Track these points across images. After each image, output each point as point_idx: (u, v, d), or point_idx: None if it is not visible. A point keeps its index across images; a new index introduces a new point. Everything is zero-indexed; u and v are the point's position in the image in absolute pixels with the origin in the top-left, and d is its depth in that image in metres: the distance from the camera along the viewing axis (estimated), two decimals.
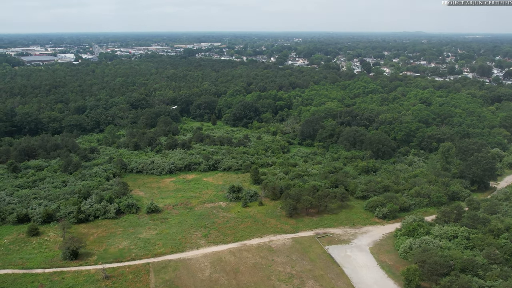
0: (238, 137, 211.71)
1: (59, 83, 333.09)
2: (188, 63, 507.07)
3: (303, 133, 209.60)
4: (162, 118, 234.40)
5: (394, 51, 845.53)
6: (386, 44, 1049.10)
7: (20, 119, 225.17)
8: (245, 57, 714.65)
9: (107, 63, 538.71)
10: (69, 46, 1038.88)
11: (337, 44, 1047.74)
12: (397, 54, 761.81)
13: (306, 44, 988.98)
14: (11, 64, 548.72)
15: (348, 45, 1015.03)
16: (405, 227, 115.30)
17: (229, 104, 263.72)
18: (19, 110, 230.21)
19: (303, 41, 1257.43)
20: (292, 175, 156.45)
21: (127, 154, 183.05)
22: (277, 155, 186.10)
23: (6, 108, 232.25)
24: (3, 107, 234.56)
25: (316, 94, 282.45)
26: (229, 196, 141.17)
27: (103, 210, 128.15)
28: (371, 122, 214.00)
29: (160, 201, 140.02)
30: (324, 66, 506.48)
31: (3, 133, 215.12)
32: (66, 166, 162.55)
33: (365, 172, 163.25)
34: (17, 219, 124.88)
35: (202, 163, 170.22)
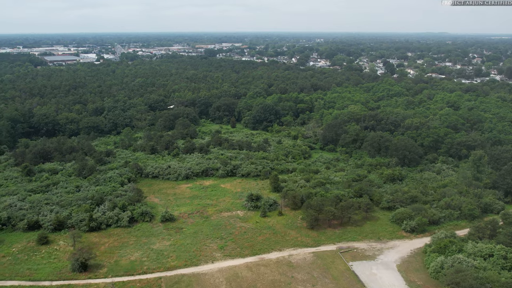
0: (257, 141, 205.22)
1: (79, 84, 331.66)
2: (209, 64, 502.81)
3: (325, 138, 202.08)
4: (180, 120, 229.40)
5: (418, 52, 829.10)
6: (410, 44, 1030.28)
7: (38, 120, 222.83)
8: (266, 57, 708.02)
9: (127, 63, 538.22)
10: (92, 46, 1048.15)
11: (360, 44, 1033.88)
12: (421, 55, 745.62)
13: (328, 45, 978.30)
14: (34, 64, 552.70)
15: (371, 45, 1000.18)
16: (436, 243, 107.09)
17: (249, 106, 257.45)
18: (37, 111, 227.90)
19: (325, 41, 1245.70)
20: (314, 183, 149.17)
21: (143, 157, 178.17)
22: (298, 160, 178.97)
23: (24, 109, 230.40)
24: (22, 108, 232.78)
25: (339, 96, 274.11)
26: (247, 205, 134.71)
27: (115, 218, 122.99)
28: (397, 127, 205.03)
29: (175, 208, 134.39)
30: (346, 67, 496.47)
31: (20, 134, 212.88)
32: (80, 170, 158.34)
33: (391, 180, 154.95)
34: (28, 226, 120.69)
35: (220, 168, 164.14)
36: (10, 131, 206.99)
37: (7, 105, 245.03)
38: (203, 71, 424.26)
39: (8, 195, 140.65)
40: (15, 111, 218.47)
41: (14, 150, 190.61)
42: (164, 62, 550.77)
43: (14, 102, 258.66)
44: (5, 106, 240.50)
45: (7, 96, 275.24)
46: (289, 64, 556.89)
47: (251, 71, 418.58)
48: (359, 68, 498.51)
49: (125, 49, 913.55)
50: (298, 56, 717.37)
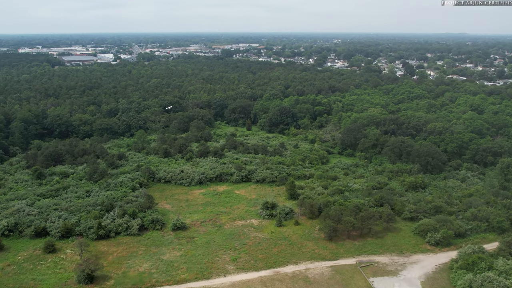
0: (273, 145, 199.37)
1: (94, 84, 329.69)
2: (225, 65, 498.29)
3: (344, 142, 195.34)
4: (195, 122, 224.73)
5: (437, 53, 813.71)
6: (429, 45, 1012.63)
7: (51, 122, 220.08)
8: (283, 58, 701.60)
9: (144, 63, 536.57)
10: (110, 46, 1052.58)
11: (378, 45, 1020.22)
12: (441, 57, 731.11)
13: (346, 45, 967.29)
14: (51, 64, 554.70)
15: (389, 46, 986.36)
16: (463, 259, 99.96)
17: (265, 108, 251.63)
18: (51, 112, 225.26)
19: (343, 42, 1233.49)
20: (332, 190, 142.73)
21: (156, 161, 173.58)
22: (315, 166, 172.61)
23: (38, 110, 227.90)
24: (35, 109, 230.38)
25: (358, 99, 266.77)
26: (262, 213, 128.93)
27: (125, 226, 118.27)
28: (419, 131, 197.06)
29: (187, 216, 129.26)
30: (365, 68, 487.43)
31: (33, 136, 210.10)
32: (91, 174, 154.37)
33: (413, 188, 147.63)
34: (35, 233, 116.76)
35: (234, 173, 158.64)
36: (23, 132, 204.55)
37: (22, 106, 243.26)
38: (219, 72, 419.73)
39: (17, 199, 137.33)
40: (28, 112, 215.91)
41: (26, 152, 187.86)
42: (180, 62, 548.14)
43: (28, 103, 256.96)
44: (19, 107, 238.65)
45: (22, 96, 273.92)
46: (306, 65, 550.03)
47: (268, 72, 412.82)
48: (378, 69, 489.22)
49: (143, 49, 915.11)
50: (316, 56, 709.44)
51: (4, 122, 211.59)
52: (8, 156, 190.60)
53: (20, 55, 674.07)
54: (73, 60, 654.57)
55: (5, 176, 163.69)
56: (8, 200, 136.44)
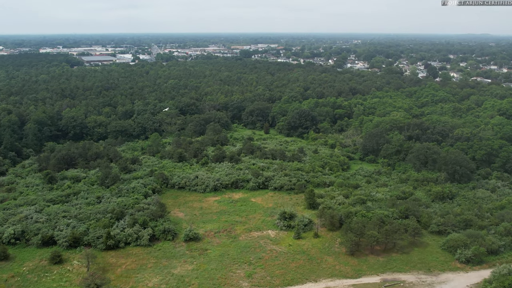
0: (292, 150, 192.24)
1: (111, 85, 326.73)
2: (243, 65, 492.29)
3: (365, 148, 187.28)
4: (211, 125, 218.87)
5: (460, 54, 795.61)
6: (451, 46, 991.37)
7: (66, 123, 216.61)
8: (302, 59, 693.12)
9: (162, 64, 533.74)
10: (129, 47, 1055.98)
11: (398, 46, 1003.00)
12: (464, 58, 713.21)
13: (366, 46, 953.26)
14: (70, 64, 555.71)
15: (410, 47, 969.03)
16: (498, 281, 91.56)
17: (284, 111, 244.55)
18: (66, 114, 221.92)
19: (363, 43, 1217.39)
20: (354, 200, 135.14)
21: (170, 166, 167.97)
22: (336, 172, 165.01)
23: (53, 111, 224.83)
24: (50, 110, 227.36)
25: (379, 102, 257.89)
26: (280, 224, 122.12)
27: (135, 236, 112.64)
28: (444, 137, 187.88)
29: (201, 225, 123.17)
30: (386, 70, 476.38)
31: (47, 138, 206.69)
32: (103, 179, 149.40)
33: (440, 198, 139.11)
34: (42, 241, 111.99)
35: (251, 180, 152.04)
36: (36, 134, 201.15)
37: (37, 107, 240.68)
38: (237, 73, 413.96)
39: (26, 204, 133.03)
40: (42, 113, 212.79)
41: (38, 155, 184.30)
42: (198, 63, 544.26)
43: (44, 104, 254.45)
44: (34, 108, 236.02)
45: (38, 97, 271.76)
46: (326, 66, 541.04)
47: (287, 73, 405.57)
48: (400, 71, 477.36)
49: (162, 50, 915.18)
50: (335, 57, 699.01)
51: (18, 124, 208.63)
52: (21, 158, 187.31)
53: (40, 55, 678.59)
54: (92, 60, 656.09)
55: (17, 179, 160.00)
56: (17, 206, 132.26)
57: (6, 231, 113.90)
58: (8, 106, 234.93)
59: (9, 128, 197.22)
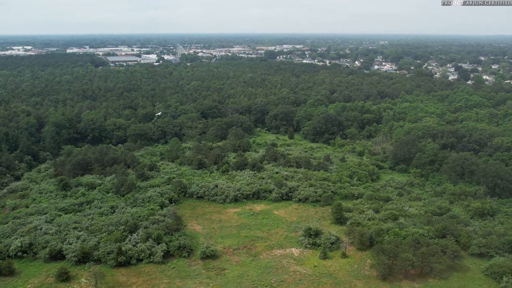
0: (317, 157, 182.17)
1: (133, 86, 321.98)
2: (268, 67, 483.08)
3: (396, 156, 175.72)
4: (233, 130, 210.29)
5: (491, 56, 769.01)
6: (481, 48, 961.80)
7: (84, 126, 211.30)
8: (327, 60, 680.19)
9: (186, 64, 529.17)
10: (154, 47, 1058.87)
11: (427, 47, 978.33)
12: (496, 60, 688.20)
13: (393, 47, 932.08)
14: (95, 64, 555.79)
15: (439, 48, 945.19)
16: None
17: (309, 115, 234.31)
18: (85, 116, 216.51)
19: (390, 44, 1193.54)
20: (385, 215, 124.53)
21: (189, 173, 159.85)
22: (365, 183, 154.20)
23: (72, 114, 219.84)
24: (70, 112, 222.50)
25: (410, 106, 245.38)
26: (304, 241, 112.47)
27: (148, 252, 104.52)
28: (482, 146, 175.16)
29: (219, 241, 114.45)
30: (415, 72, 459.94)
31: (65, 141, 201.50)
32: (118, 187, 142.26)
33: (479, 215, 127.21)
34: (50, 255, 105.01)
35: (274, 190, 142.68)
36: (54, 137, 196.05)
37: (57, 108, 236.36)
38: (261, 74, 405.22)
39: (37, 213, 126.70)
40: (61, 116, 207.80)
41: (54, 159, 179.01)
42: (222, 64, 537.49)
43: (65, 105, 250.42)
44: (54, 110, 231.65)
45: (59, 98, 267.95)
46: (352, 67, 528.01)
47: (312, 75, 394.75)
48: (429, 73, 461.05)
49: (186, 50, 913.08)
50: (362, 59, 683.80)
51: (36, 126, 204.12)
52: (38, 162, 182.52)
53: (66, 55, 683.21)
54: (117, 60, 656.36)
55: (31, 185, 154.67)
56: (28, 215, 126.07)
57: (13, 243, 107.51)
58: (28, 108, 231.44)
59: (26, 130, 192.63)
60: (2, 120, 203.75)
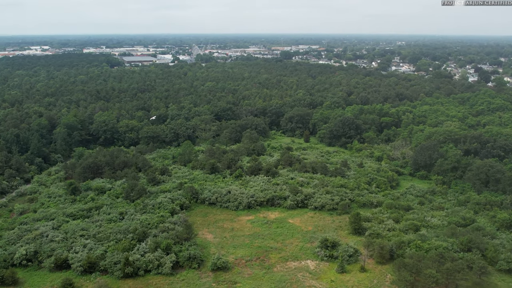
0: (334, 162, 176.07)
1: (147, 87, 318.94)
2: (283, 67, 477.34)
3: (417, 162, 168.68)
4: (247, 132, 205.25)
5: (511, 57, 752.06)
6: (501, 49, 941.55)
7: (96, 128, 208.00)
8: (344, 61, 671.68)
9: (201, 65, 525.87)
10: (170, 47, 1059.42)
11: (445, 48, 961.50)
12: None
13: (411, 48, 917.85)
14: (110, 64, 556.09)
15: (457, 49, 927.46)
16: None
17: (325, 118, 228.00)
18: (97, 118, 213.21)
19: (407, 44, 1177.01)
20: (405, 226, 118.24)
21: (201, 178, 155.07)
22: (384, 191, 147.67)
23: (84, 115, 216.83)
24: (82, 114, 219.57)
25: (430, 110, 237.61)
26: (320, 253, 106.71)
27: (156, 263, 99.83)
28: (507, 152, 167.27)
29: (231, 251, 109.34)
30: (434, 74, 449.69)
31: (77, 143, 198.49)
32: (128, 192, 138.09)
33: (506, 227, 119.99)
34: (55, 264, 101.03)
35: (289, 197, 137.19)
36: (66, 139, 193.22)
37: (70, 109, 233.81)
38: (277, 75, 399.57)
39: (44, 219, 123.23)
40: (73, 117, 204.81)
41: (65, 162, 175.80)
42: (237, 64, 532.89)
43: (78, 106, 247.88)
44: (66, 111, 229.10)
45: (72, 99, 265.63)
46: (369, 68, 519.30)
47: (329, 77, 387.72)
48: (449, 75, 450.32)
49: (202, 50, 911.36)
50: (379, 60, 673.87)
51: (48, 128, 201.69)
52: (49, 164, 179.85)
53: (83, 55, 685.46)
54: (133, 60, 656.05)
55: (40, 188, 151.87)
56: (35, 220, 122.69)
57: (18, 251, 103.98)
58: (40, 109, 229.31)
59: (38, 132, 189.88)
60: (14, 121, 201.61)
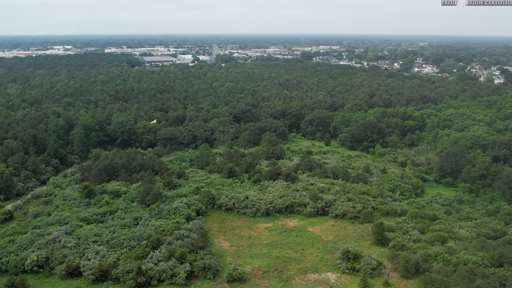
0: (356, 168, 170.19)
1: (166, 87, 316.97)
2: (304, 68, 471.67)
3: (442, 168, 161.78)
4: (266, 135, 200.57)
5: None
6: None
7: (114, 129, 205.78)
8: (365, 62, 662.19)
9: (221, 65, 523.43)
10: (191, 47, 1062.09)
11: (469, 49, 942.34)
12: None
13: (434, 49, 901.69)
14: (131, 64, 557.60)
15: (482, 50, 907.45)
16: None
17: (347, 121, 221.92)
18: (115, 118, 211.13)
19: (429, 45, 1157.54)
20: (432, 237, 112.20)
21: (218, 182, 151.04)
22: (408, 198, 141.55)
23: (102, 116, 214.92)
24: (100, 114, 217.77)
25: (456, 113, 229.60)
26: (342, 265, 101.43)
27: (170, 273, 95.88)
28: None
29: (247, 260, 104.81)
30: (459, 75, 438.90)
31: (94, 144, 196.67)
32: (144, 196, 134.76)
33: None
34: (66, 272, 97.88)
35: (309, 204, 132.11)
36: (83, 140, 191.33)
37: (88, 110, 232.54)
38: (297, 76, 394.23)
39: (58, 223, 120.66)
40: (91, 118, 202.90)
41: (81, 164, 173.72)
42: (257, 65, 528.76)
43: (96, 107, 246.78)
44: (84, 111, 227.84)
45: (91, 99, 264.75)
46: (391, 70, 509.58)
47: (350, 78, 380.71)
48: (474, 77, 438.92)
49: (222, 51, 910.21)
50: (401, 61, 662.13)
51: (65, 128, 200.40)
52: (65, 166, 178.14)
53: (104, 55, 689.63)
54: (153, 60, 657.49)
55: (55, 190, 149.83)
56: (48, 224, 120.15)
57: (29, 256, 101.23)
58: (59, 109, 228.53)
59: (55, 133, 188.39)
60: (31, 121, 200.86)
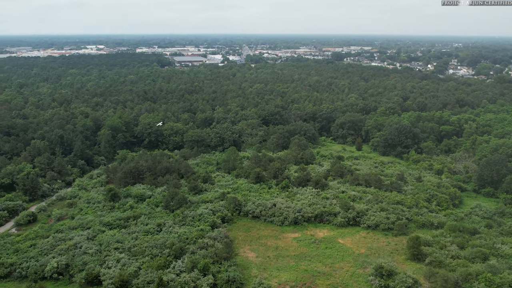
0: (389, 175, 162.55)
1: (195, 88, 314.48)
2: (335, 69, 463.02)
3: (482, 177, 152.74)
4: (296, 139, 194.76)
5: None
6: None
7: (141, 130, 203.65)
8: (398, 63, 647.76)
9: (250, 66, 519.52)
10: (221, 47, 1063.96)
11: (506, 51, 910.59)
12: None
13: (469, 50, 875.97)
14: (161, 64, 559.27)
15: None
16: None
17: (380, 125, 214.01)
18: (142, 120, 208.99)
19: (464, 46, 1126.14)
20: (472, 253, 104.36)
21: (245, 187, 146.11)
22: (445, 210, 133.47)
23: (129, 117, 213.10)
24: (127, 115, 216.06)
25: (495, 118, 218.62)
26: (375, 282, 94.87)
27: (192, 285, 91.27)
28: None
29: (274, 273, 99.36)
30: (496, 78, 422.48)
31: (121, 145, 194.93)
32: (168, 201, 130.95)
33: None
34: (86, 280, 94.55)
35: (339, 214, 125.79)
36: (110, 141, 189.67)
37: (116, 110, 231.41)
38: (327, 77, 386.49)
39: (80, 227, 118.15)
40: (118, 119, 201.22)
41: (107, 166, 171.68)
42: (287, 66, 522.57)
43: (124, 107, 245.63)
44: (112, 112, 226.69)
45: (120, 99, 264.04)
46: (425, 71, 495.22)
47: (382, 80, 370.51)
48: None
49: (252, 51, 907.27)
50: (435, 62, 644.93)
51: (93, 129, 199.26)
52: (92, 167, 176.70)
53: (135, 55, 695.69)
54: (183, 60, 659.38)
55: (80, 193, 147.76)
56: (71, 228, 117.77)
57: (49, 263, 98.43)
58: (87, 109, 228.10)
59: (82, 134, 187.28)
60: (59, 121, 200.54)
